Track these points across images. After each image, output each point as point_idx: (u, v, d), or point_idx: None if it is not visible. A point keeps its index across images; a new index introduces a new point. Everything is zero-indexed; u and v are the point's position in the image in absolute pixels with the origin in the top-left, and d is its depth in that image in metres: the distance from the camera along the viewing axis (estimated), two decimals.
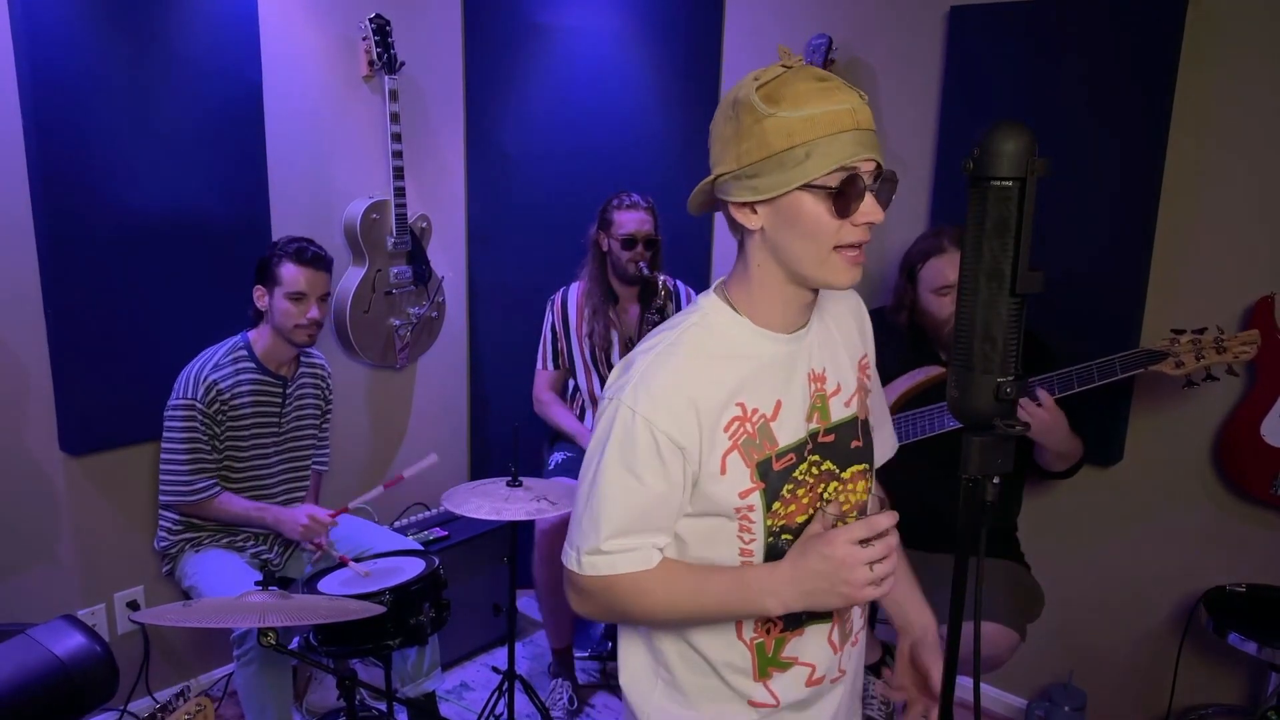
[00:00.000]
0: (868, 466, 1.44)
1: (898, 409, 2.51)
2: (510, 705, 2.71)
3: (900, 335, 2.57)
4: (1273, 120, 2.43)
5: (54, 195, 2.55)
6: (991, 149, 1.08)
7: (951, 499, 1.19)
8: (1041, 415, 2.29)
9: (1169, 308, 2.60)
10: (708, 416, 1.26)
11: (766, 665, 1.38)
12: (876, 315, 2.68)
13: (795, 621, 1.37)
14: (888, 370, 2.53)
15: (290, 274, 2.65)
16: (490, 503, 2.51)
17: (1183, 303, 2.59)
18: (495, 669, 2.98)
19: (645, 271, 2.92)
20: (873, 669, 2.82)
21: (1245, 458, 2.51)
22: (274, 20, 2.97)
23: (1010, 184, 1.08)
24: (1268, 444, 2.47)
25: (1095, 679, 2.88)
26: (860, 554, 1.22)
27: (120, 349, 2.73)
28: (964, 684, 1.60)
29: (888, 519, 1.24)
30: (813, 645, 1.39)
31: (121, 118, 2.65)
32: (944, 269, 2.42)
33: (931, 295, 2.46)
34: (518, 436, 2.68)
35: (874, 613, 2.89)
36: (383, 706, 2.64)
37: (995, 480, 1.17)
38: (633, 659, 1.45)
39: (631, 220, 2.94)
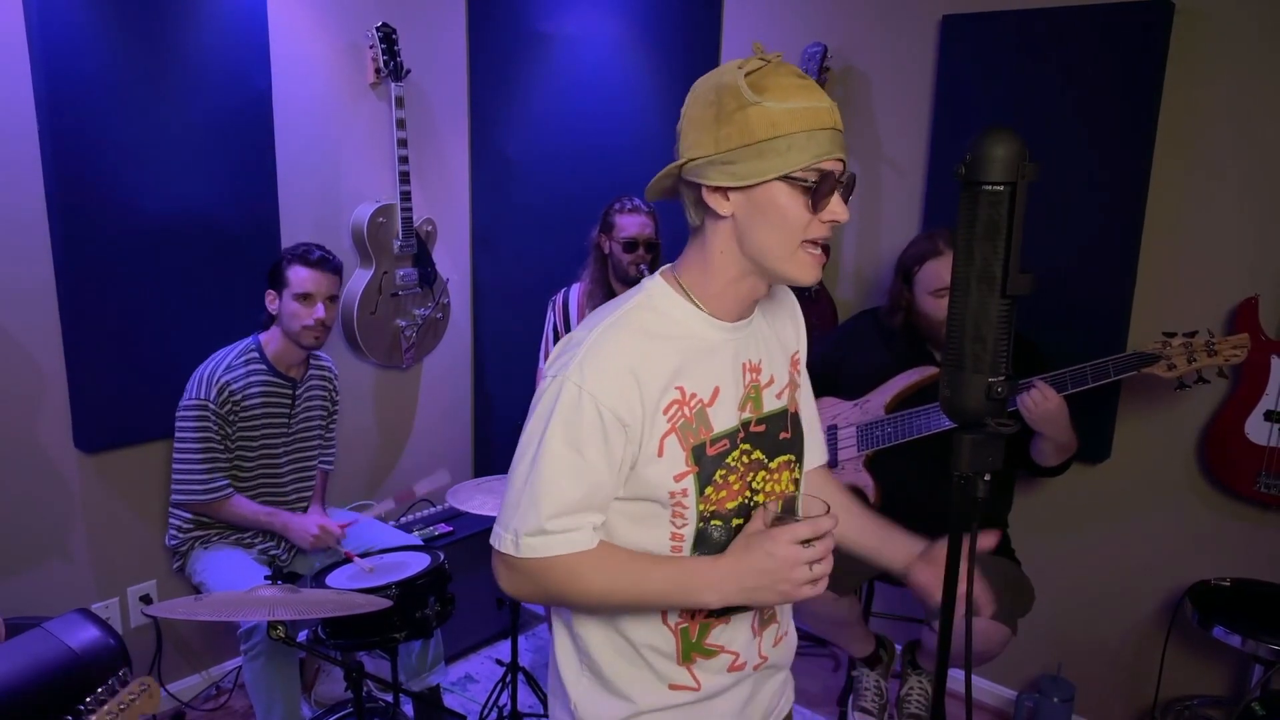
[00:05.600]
0: (794, 458, 1.44)
1: (893, 408, 2.56)
2: (513, 697, 2.76)
3: (895, 336, 2.62)
4: (1255, 125, 2.49)
5: (68, 197, 2.60)
6: (982, 154, 1.09)
7: (944, 496, 1.21)
8: (1044, 405, 2.32)
9: (1156, 309, 2.65)
10: (650, 396, 1.26)
11: (690, 650, 1.38)
12: (871, 316, 2.76)
13: (721, 610, 1.36)
14: (882, 370, 2.60)
15: (298, 275, 2.70)
16: (494, 499, 2.57)
17: (1169, 304, 2.64)
18: (499, 662, 3.02)
19: (646, 273, 2.97)
20: (867, 662, 2.88)
21: (1230, 455, 2.56)
22: (283, 28, 3.02)
23: (1001, 188, 1.09)
24: (1252, 442, 2.52)
25: (1084, 671, 2.92)
26: (803, 554, 1.23)
27: (133, 349, 2.78)
28: (956, 676, 1.66)
29: (830, 522, 1.25)
30: (736, 633, 1.40)
31: (134, 122, 2.69)
32: (940, 271, 2.45)
33: (929, 297, 2.50)
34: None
35: (869, 606, 2.95)
36: (389, 698, 2.68)
37: (986, 477, 1.18)
38: (561, 645, 1.44)
39: (633, 224, 2.99)
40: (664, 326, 1.31)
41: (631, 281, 3.04)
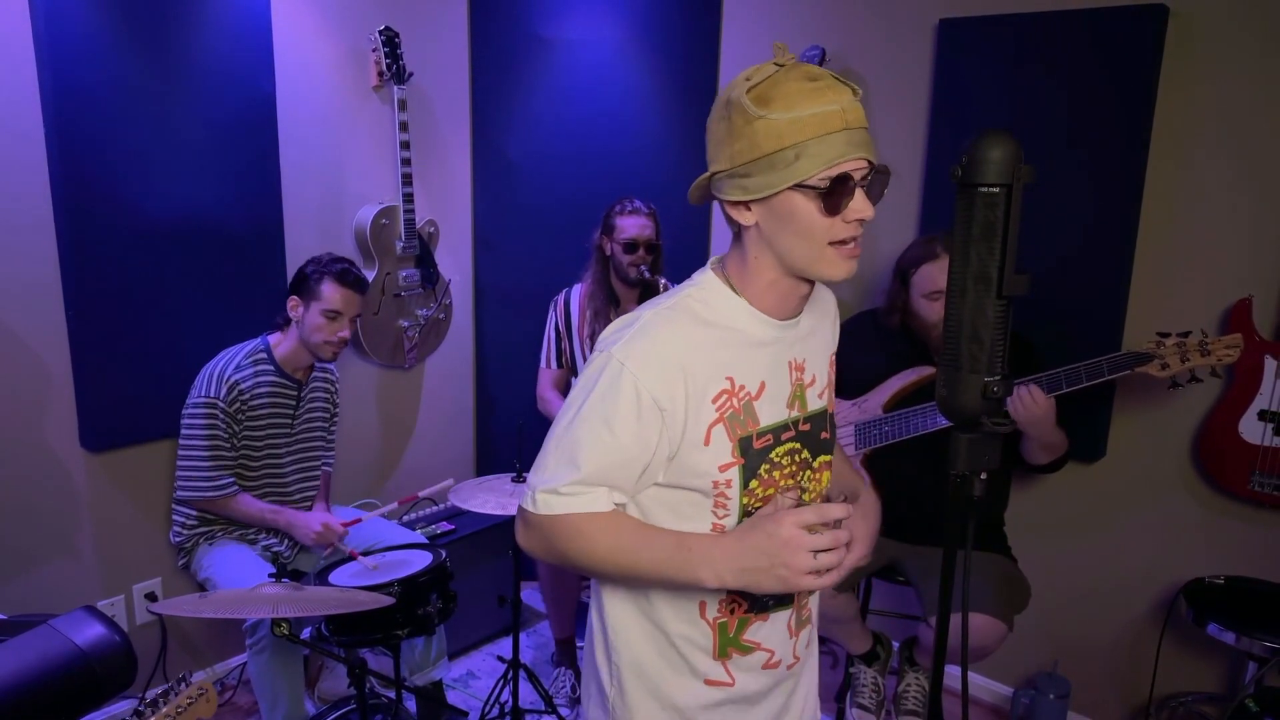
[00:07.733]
0: (832, 458, 1.46)
1: (891, 407, 2.59)
2: (515, 693, 2.78)
3: (893, 336, 2.64)
4: (1249, 127, 2.51)
5: (74, 199, 2.61)
6: (979, 157, 1.10)
7: (941, 494, 1.22)
8: (1032, 408, 2.35)
9: (1151, 310, 2.67)
10: (696, 385, 1.26)
11: (726, 645, 1.38)
12: (869, 316, 2.79)
13: (761, 606, 1.37)
14: (880, 370, 2.62)
15: (330, 292, 2.73)
16: (495, 498, 2.58)
17: (1164, 305, 2.66)
18: (500, 658, 3.04)
19: (646, 275, 3.00)
20: (865, 659, 2.90)
21: (1224, 454, 2.58)
22: (287, 32, 3.04)
23: (997, 190, 1.10)
24: (1245, 441, 2.54)
25: (1079, 668, 2.95)
26: (806, 539, 1.20)
27: (138, 349, 2.79)
28: (953, 673, 1.67)
29: (840, 510, 1.22)
30: (773, 630, 1.41)
31: (139, 125, 2.71)
32: (935, 275, 2.47)
33: (923, 300, 2.51)
34: (521, 434, 2.75)
35: (866, 604, 2.97)
36: (392, 694, 2.70)
37: (982, 476, 1.19)
38: (595, 641, 1.46)
39: (634, 225, 3.02)
40: (716, 318, 1.32)
41: (632, 283, 3.07)
